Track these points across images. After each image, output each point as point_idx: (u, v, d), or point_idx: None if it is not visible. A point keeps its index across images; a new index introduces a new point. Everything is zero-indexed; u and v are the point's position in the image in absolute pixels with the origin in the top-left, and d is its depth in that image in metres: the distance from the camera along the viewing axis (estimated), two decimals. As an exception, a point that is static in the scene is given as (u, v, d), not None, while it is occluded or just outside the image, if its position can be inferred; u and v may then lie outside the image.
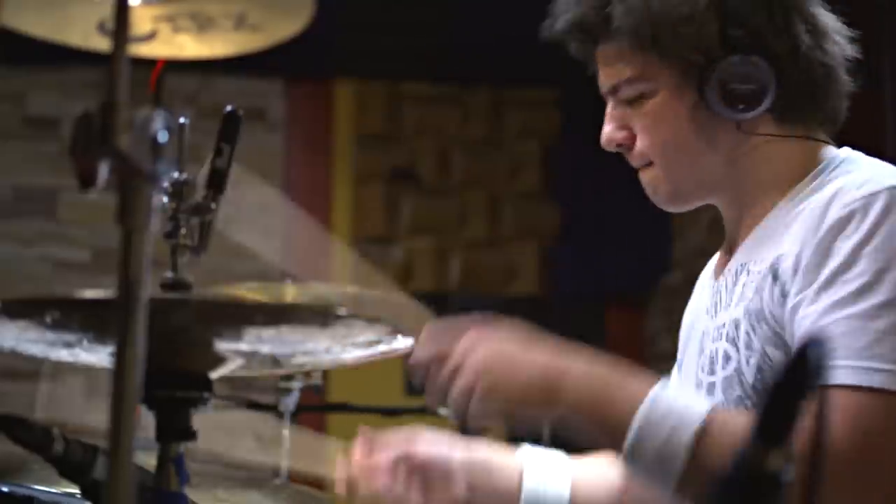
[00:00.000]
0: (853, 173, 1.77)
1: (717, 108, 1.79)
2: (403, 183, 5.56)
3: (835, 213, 1.69)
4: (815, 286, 1.66)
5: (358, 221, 5.55)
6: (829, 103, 1.86)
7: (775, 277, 1.74)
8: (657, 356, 5.06)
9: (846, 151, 1.87)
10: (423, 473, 1.95)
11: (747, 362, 1.76)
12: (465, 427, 3.41)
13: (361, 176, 5.57)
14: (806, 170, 1.84)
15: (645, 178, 1.90)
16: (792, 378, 0.93)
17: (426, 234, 5.56)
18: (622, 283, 5.51)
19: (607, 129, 1.89)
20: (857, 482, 1.59)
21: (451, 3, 4.89)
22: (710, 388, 1.84)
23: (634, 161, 1.89)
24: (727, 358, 1.80)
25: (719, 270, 1.93)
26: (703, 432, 1.61)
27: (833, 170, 1.82)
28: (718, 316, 1.86)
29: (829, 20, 1.86)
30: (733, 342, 1.79)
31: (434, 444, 2.01)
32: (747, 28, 1.79)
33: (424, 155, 5.60)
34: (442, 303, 5.63)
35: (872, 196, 1.68)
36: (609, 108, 1.90)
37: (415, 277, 5.53)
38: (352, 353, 1.62)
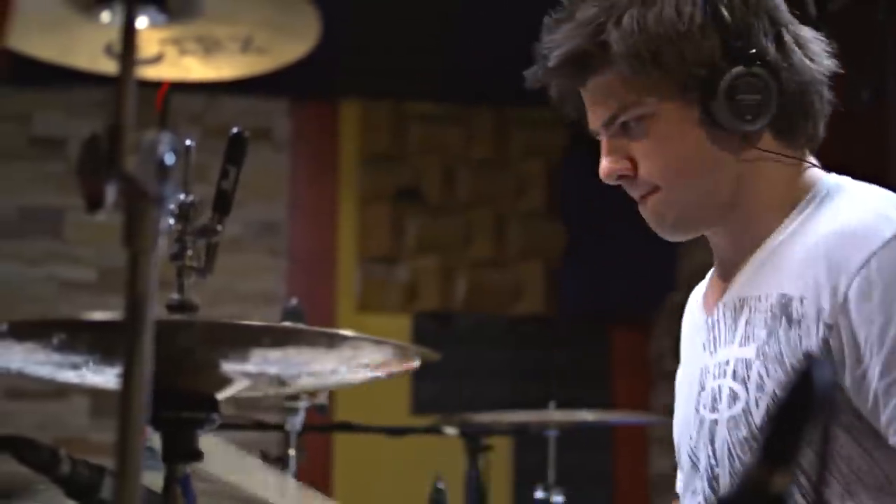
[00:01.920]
0: (855, 205, 1.77)
1: (724, 121, 1.79)
2: (409, 202, 5.56)
3: (855, 260, 1.69)
4: (881, 361, 1.66)
5: (364, 241, 5.55)
6: (816, 116, 1.86)
7: (790, 321, 1.73)
8: (663, 376, 5.06)
9: (836, 178, 1.86)
10: None
11: (756, 405, 1.74)
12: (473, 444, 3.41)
13: (367, 195, 5.57)
14: (798, 194, 1.84)
15: (650, 206, 1.87)
16: (797, 400, 0.93)
17: (432, 254, 5.56)
18: (628, 303, 5.50)
19: (606, 162, 1.87)
20: None
21: (456, 24, 4.90)
22: (713, 425, 1.82)
23: (639, 189, 1.86)
24: (734, 397, 1.78)
25: (711, 303, 1.92)
26: None
27: (827, 198, 1.81)
28: (719, 352, 1.85)
29: (809, 34, 1.87)
30: (743, 382, 1.77)
31: None
32: (746, 39, 1.79)
33: (430, 174, 5.60)
34: (447, 322, 5.66)
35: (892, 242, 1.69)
36: (604, 142, 1.88)
37: (420, 297, 5.53)
38: (358, 374, 1.62)
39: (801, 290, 1.73)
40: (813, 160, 1.88)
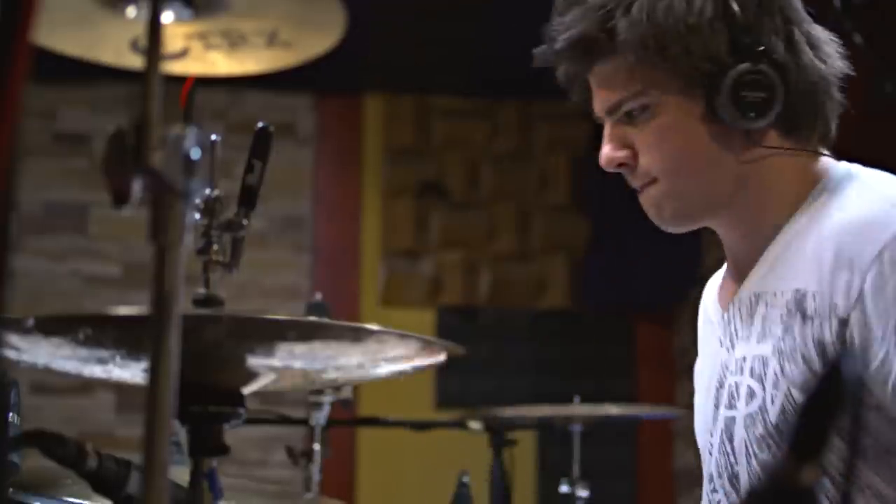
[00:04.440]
0: (865, 194, 1.76)
1: (727, 117, 1.77)
2: (433, 197, 5.56)
3: (868, 253, 1.68)
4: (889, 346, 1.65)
5: (387, 235, 5.55)
6: (827, 116, 1.84)
7: (804, 316, 1.72)
8: (687, 369, 5.04)
9: (846, 166, 1.85)
10: None
11: (772, 401, 1.74)
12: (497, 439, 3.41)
13: (391, 190, 5.57)
14: (807, 186, 1.83)
15: (648, 197, 1.86)
16: (826, 392, 0.93)
17: (455, 248, 5.56)
18: (651, 297, 5.49)
19: (607, 149, 1.87)
20: None
21: (479, 18, 4.90)
22: (730, 422, 1.82)
23: (637, 180, 1.86)
24: (751, 394, 1.78)
25: (726, 298, 1.91)
26: None
27: (837, 187, 1.80)
28: (736, 349, 1.84)
29: (822, 35, 1.85)
30: (759, 379, 1.77)
31: None
32: (755, 37, 1.77)
33: (453, 168, 5.60)
34: (471, 316, 5.66)
35: None
36: (607, 129, 1.87)
37: (444, 291, 5.54)
38: (383, 369, 1.62)
39: (813, 285, 1.72)
40: (824, 151, 1.86)
